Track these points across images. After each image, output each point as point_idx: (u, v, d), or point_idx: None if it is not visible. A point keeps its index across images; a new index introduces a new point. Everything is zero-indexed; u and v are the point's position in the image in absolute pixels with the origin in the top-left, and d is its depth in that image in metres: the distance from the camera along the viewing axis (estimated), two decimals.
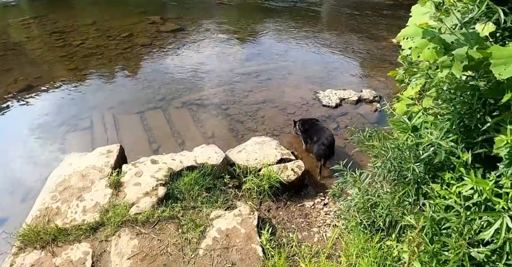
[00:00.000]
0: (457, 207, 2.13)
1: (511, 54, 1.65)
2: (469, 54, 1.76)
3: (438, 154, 2.40)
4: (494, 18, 2.07)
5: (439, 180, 2.47)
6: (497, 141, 1.86)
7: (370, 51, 8.87)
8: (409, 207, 2.85)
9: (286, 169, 3.85)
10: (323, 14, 13.01)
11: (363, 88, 6.62)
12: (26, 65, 7.70)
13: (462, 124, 2.42)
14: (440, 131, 2.43)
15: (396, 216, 2.88)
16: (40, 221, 3.23)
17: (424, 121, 2.68)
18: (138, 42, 8.90)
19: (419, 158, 2.58)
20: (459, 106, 2.37)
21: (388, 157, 2.85)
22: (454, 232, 2.20)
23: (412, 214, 2.67)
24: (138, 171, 3.67)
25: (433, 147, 2.41)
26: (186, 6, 12.97)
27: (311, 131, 4.72)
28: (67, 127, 5.42)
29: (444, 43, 1.88)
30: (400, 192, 2.85)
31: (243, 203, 3.55)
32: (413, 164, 2.58)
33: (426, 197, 2.67)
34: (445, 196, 2.31)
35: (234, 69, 7.41)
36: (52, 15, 11.32)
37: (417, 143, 2.62)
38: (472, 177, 2.11)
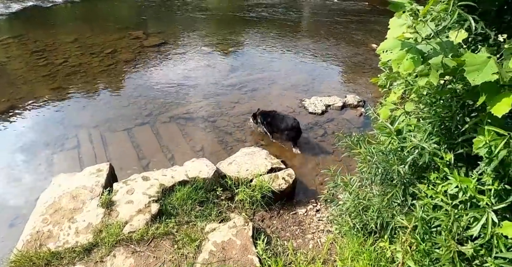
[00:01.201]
0: (445, 206, 2.22)
1: (483, 60, 1.75)
2: (444, 63, 1.86)
3: (423, 156, 2.50)
4: (465, 25, 2.20)
5: (425, 181, 2.56)
6: (476, 141, 1.96)
7: (351, 57, 9.11)
8: (398, 208, 2.93)
9: (277, 178, 3.90)
10: (302, 22, 13.31)
11: (347, 94, 6.78)
12: (7, 86, 7.56)
13: (443, 127, 2.52)
14: (423, 134, 2.53)
15: (386, 218, 2.96)
16: (31, 245, 3.17)
17: (407, 125, 2.79)
18: (122, 58, 8.89)
19: (403, 160, 2.68)
20: (440, 110, 2.47)
21: (373, 161, 2.94)
22: (444, 230, 2.28)
23: (402, 215, 2.76)
24: (129, 189, 3.65)
25: (418, 149, 2.51)
26: (168, 20, 13.05)
27: (275, 121, 5.20)
28: (53, 148, 5.34)
29: (421, 53, 1.97)
30: (389, 194, 2.93)
31: (236, 215, 3.57)
32: (398, 166, 2.67)
33: (414, 198, 2.76)
34: (432, 195, 2.40)
35: (219, 82, 7.47)
36: (32, 34, 11.19)
37: (401, 146, 2.72)
38: (456, 176, 2.21)
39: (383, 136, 2.93)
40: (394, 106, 3.07)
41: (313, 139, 5.39)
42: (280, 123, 5.13)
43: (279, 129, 5.20)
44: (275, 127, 5.24)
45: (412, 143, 2.51)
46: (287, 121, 5.09)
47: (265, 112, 5.37)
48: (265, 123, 5.31)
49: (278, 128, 5.19)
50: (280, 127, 5.14)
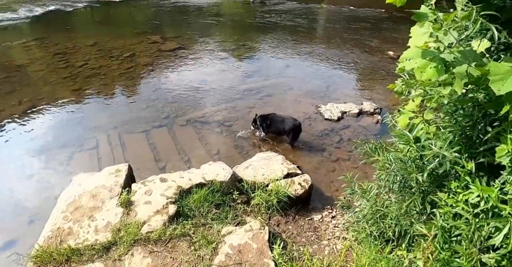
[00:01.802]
0: (466, 215, 2.20)
1: (507, 70, 1.75)
2: (468, 72, 1.86)
3: (443, 164, 2.48)
4: (488, 35, 2.20)
5: (445, 189, 2.55)
6: (498, 150, 1.95)
7: (367, 64, 9.10)
8: (416, 216, 2.91)
9: (294, 183, 3.91)
10: (317, 29, 13.38)
11: (364, 101, 6.77)
12: (29, 87, 7.81)
13: (464, 136, 2.51)
14: (443, 143, 2.52)
15: (405, 226, 2.94)
16: (52, 241, 3.25)
17: (426, 133, 2.78)
18: (140, 62, 9.10)
19: (422, 168, 2.66)
20: (461, 119, 2.46)
21: (392, 168, 2.93)
22: (465, 239, 2.26)
23: (420, 223, 2.74)
24: (147, 190, 3.72)
25: (438, 158, 2.50)
26: (184, 25, 13.30)
27: (276, 123, 5.35)
28: (72, 148, 5.48)
29: (444, 62, 1.97)
30: (407, 202, 2.92)
31: (252, 218, 3.59)
32: (416, 174, 2.66)
33: (433, 206, 2.74)
34: (452, 204, 2.38)
35: (235, 86, 7.57)
36: (54, 37, 11.55)
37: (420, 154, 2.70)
38: (477, 185, 2.19)
39: (402, 143, 2.92)
40: (413, 115, 3.07)
41: (329, 145, 5.39)
42: (281, 125, 5.30)
43: (280, 130, 5.35)
44: (275, 128, 5.40)
45: (433, 151, 2.49)
46: (288, 122, 5.26)
47: (264, 116, 5.47)
48: (263, 126, 5.43)
49: (280, 129, 5.34)
50: (281, 128, 5.32)
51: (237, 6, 17.60)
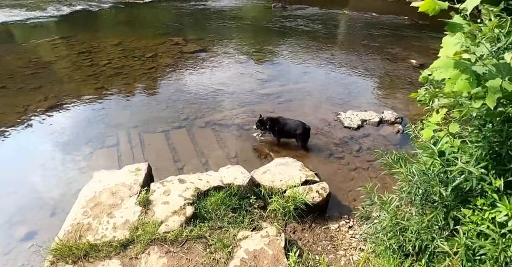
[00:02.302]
0: (493, 234, 2.12)
1: None
2: (503, 87, 1.81)
3: (469, 180, 2.41)
4: None
5: (470, 205, 2.47)
6: None
7: (389, 72, 8.96)
8: (438, 231, 2.83)
9: (311, 191, 3.87)
10: (339, 35, 13.29)
11: (385, 110, 6.66)
12: (55, 83, 8.07)
13: (492, 152, 2.43)
14: (469, 157, 2.45)
15: (425, 240, 2.86)
16: (72, 236, 3.31)
17: (451, 146, 2.70)
18: (162, 63, 9.26)
19: (446, 183, 2.59)
20: (490, 134, 2.39)
21: (414, 181, 2.87)
22: (489, 259, 2.18)
23: (442, 239, 2.66)
24: (166, 190, 3.76)
25: (464, 174, 2.43)
26: (206, 28, 13.47)
27: (285, 126, 5.38)
28: (94, 145, 5.61)
29: (476, 74, 1.92)
30: (429, 216, 2.84)
31: (268, 224, 3.57)
32: (440, 188, 2.58)
33: (457, 222, 2.65)
34: (477, 222, 2.31)
35: (255, 90, 7.59)
36: (80, 36, 11.92)
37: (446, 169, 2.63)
38: (506, 203, 2.11)
39: (425, 156, 2.85)
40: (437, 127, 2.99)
41: (348, 154, 5.32)
42: (291, 128, 5.35)
43: (291, 133, 5.40)
44: (285, 132, 5.42)
45: (458, 166, 2.42)
46: (298, 125, 5.32)
47: (273, 118, 5.48)
48: (276, 129, 5.42)
49: (290, 132, 5.38)
50: (296, 130, 5.34)
51: (258, 10, 17.72)
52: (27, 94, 7.45)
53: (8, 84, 7.96)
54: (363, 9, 17.28)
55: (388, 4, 19.73)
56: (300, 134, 5.32)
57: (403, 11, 16.48)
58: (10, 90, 7.64)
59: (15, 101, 7.12)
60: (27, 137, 5.98)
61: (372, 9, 17.19)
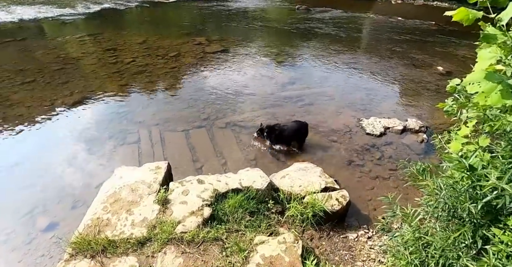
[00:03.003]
0: None
1: None
2: None
3: (501, 198, 2.28)
4: None
5: (501, 224, 2.34)
6: None
7: (414, 79, 8.71)
8: (465, 249, 2.70)
9: (331, 198, 3.79)
10: (363, 39, 13.06)
11: (409, 118, 6.46)
12: (81, 79, 8.29)
13: None
14: (501, 174, 2.32)
15: (450, 258, 2.74)
16: (91, 230, 3.36)
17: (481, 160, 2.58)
18: (184, 62, 9.36)
19: (475, 199, 2.47)
20: None
21: (442, 195, 2.75)
22: None
23: (468, 258, 2.53)
24: (185, 190, 3.76)
25: (496, 190, 2.31)
26: (229, 29, 13.55)
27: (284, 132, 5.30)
28: (116, 141, 5.71)
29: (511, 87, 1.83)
30: (455, 233, 2.71)
31: (285, 230, 3.52)
32: (469, 204, 2.46)
33: (486, 241, 2.52)
34: (508, 242, 2.18)
35: (276, 93, 7.55)
36: (106, 33, 12.23)
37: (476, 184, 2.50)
38: None
39: (454, 170, 2.73)
40: (466, 140, 2.87)
41: (369, 161, 5.18)
42: (289, 132, 5.32)
43: (297, 137, 5.43)
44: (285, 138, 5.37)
45: (491, 183, 2.29)
46: (294, 127, 5.36)
47: (271, 126, 5.35)
48: (273, 137, 5.34)
49: (290, 136, 5.37)
50: (296, 135, 5.40)
51: (281, 11, 17.68)
52: (54, 89, 7.68)
53: (37, 78, 8.23)
54: (388, 13, 16.95)
55: (415, 8, 19.28)
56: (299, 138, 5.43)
57: (430, 16, 16.07)
58: (39, 84, 7.90)
59: (42, 95, 7.36)
60: (52, 130, 6.15)
61: (398, 13, 16.83)
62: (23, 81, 8.03)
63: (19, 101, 7.08)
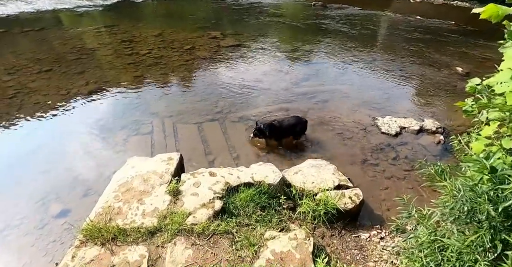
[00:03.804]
0: None
1: None
2: None
3: None
4: None
5: None
6: None
7: (431, 79, 8.49)
8: (482, 253, 2.60)
9: (344, 196, 3.71)
10: (380, 37, 12.80)
11: (425, 118, 6.31)
12: (97, 69, 8.36)
13: None
14: None
15: (467, 262, 2.64)
16: (102, 218, 3.37)
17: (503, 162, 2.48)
18: (199, 55, 9.34)
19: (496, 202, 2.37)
20: None
21: (460, 197, 2.65)
22: None
23: (486, 262, 2.44)
24: (196, 182, 3.74)
25: None
26: (244, 23, 13.47)
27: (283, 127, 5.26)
28: (129, 131, 5.73)
29: None
30: (473, 236, 2.62)
31: (297, 226, 3.46)
32: (488, 206, 2.36)
33: (506, 246, 2.42)
34: None
35: (290, 88, 7.46)
36: (122, 25, 12.30)
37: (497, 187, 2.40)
38: None
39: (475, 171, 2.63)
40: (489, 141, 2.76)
41: (383, 161, 5.07)
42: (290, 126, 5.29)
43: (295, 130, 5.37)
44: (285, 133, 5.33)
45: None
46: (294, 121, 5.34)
47: (270, 124, 5.24)
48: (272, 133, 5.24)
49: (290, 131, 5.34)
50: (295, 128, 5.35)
51: (297, 7, 17.48)
52: (70, 78, 7.77)
53: (54, 67, 8.34)
54: (407, 11, 16.58)
55: (434, 8, 18.82)
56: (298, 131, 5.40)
57: (450, 15, 15.66)
58: (55, 74, 8.00)
59: (59, 84, 7.45)
60: (67, 118, 6.22)
61: (416, 11, 16.45)
62: (41, 70, 8.15)
63: (36, 90, 7.18)
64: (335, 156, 5.09)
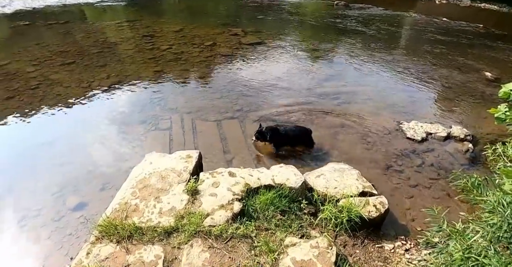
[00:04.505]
0: None
1: None
2: None
3: None
4: None
5: None
6: None
7: (459, 83, 8.13)
8: None
9: (368, 204, 3.53)
10: (404, 39, 12.40)
11: (453, 124, 6.01)
12: (118, 63, 8.40)
13: None
14: None
15: None
16: (118, 215, 3.30)
17: None
18: (219, 52, 9.25)
19: None
20: None
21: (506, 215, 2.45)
22: None
23: None
24: (215, 181, 3.64)
25: None
26: (266, 21, 13.31)
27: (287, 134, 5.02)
28: (148, 126, 5.69)
29: None
30: None
31: (317, 233, 3.31)
32: None
33: None
34: None
35: (312, 88, 7.27)
36: (144, 20, 12.36)
37: None
38: None
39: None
40: None
41: (408, 168, 4.84)
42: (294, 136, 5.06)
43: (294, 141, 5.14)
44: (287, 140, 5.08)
45: None
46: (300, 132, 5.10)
47: (273, 128, 5.03)
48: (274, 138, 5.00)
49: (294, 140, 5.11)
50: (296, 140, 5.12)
51: (319, 6, 17.18)
52: (92, 71, 7.82)
53: (76, 60, 8.43)
54: (432, 13, 16.02)
55: (460, 9, 18.15)
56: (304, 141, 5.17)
57: (477, 18, 15.03)
58: (78, 66, 8.07)
59: (81, 77, 7.50)
60: (87, 111, 6.24)
61: (442, 13, 15.87)
62: (63, 62, 8.24)
63: (58, 81, 7.26)
64: (358, 160, 4.88)
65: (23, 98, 6.57)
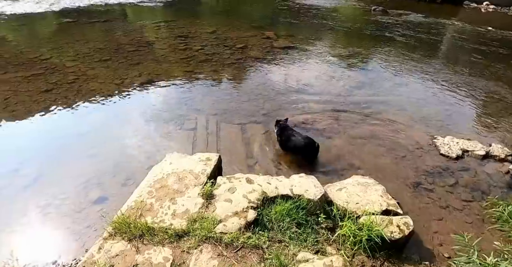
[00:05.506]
0: None
1: None
2: None
3: None
4: None
5: None
6: None
7: (503, 98, 7.55)
8: None
9: (391, 224, 3.30)
10: (443, 48, 11.74)
11: (493, 142, 5.54)
12: (151, 62, 8.60)
13: None
14: None
15: None
16: (133, 213, 3.31)
17: None
18: (251, 55, 9.23)
19: None
20: None
21: None
22: None
23: None
24: (231, 187, 3.56)
25: None
26: (299, 25, 13.17)
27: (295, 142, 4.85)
28: (174, 125, 5.75)
29: None
30: None
31: (334, 250, 3.13)
32: None
33: None
34: None
35: (342, 96, 7.04)
36: (180, 21, 12.65)
37: None
38: None
39: None
40: None
41: (439, 187, 4.50)
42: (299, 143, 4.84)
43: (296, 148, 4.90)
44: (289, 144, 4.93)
45: None
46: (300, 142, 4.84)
47: (283, 127, 5.03)
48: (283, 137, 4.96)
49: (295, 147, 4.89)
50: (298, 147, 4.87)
51: (355, 12, 16.77)
52: (126, 69, 8.06)
53: (112, 57, 8.73)
54: (476, 21, 15.10)
55: (509, 18, 16.99)
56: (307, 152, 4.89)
57: None
58: (113, 63, 8.36)
59: (115, 74, 7.75)
60: (118, 107, 6.42)
61: (487, 22, 14.91)
62: (101, 59, 8.56)
63: (94, 77, 7.53)
64: (384, 175, 4.62)
65: (60, 91, 6.86)
